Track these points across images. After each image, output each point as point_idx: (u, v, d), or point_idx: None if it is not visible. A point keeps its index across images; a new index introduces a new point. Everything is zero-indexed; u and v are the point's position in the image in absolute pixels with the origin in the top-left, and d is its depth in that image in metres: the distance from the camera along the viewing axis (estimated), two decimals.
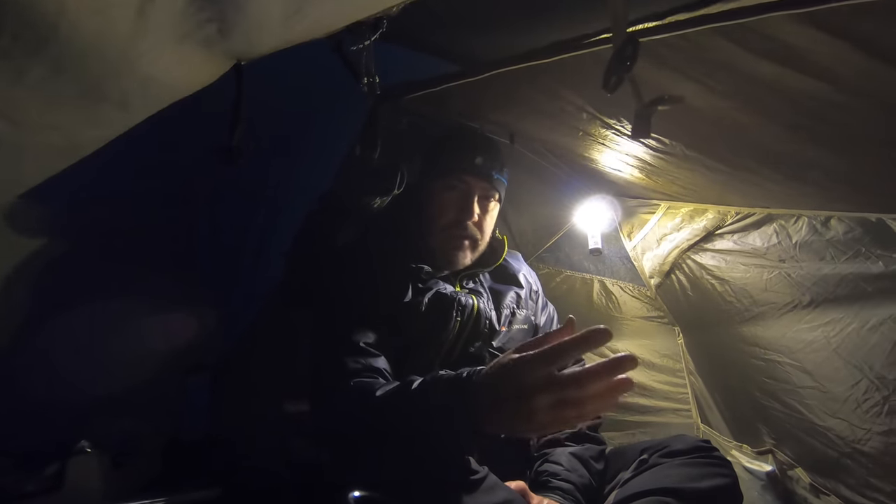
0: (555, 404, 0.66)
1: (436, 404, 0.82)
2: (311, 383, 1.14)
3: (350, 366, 1.04)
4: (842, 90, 0.83)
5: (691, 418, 2.18)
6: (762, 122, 1.00)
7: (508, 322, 1.31)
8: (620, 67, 0.62)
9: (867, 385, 1.30)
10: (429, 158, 1.38)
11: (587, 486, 1.11)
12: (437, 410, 0.81)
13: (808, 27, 0.72)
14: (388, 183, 1.42)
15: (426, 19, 1.07)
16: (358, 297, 1.16)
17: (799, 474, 1.59)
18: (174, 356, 1.49)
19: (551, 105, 1.29)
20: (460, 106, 1.47)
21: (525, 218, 2.06)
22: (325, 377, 1.10)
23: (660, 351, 2.26)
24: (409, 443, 0.85)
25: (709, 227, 1.73)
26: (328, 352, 1.12)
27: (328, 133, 1.62)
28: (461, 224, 1.27)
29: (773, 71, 0.83)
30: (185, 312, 1.43)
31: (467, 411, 0.76)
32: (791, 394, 1.54)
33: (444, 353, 1.20)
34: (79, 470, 1.08)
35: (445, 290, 1.23)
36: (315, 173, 1.64)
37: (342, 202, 1.51)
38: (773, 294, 1.55)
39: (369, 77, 1.12)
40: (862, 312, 1.31)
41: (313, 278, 1.38)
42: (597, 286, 2.26)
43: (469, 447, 0.85)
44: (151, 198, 1.31)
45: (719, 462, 1.00)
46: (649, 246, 2.04)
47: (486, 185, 1.30)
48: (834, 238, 1.34)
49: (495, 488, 0.89)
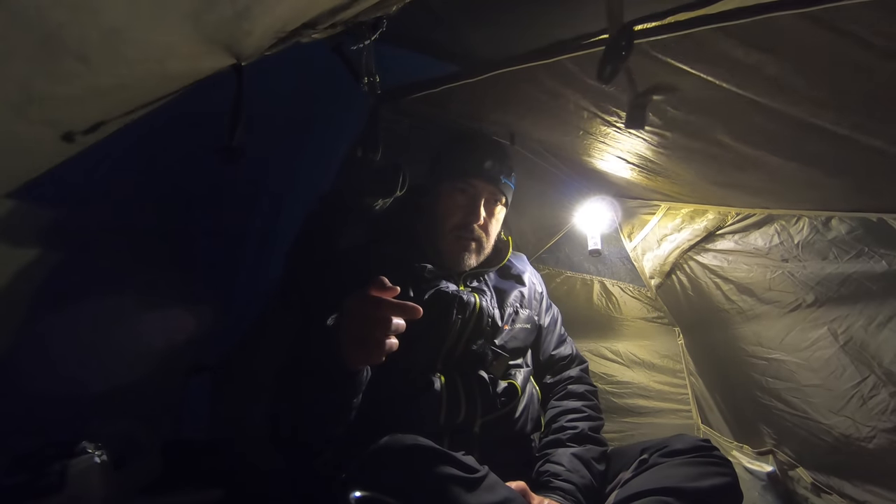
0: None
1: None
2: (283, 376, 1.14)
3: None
4: (845, 97, 0.83)
5: (692, 419, 2.18)
6: (763, 118, 1.00)
7: (511, 320, 1.32)
8: (615, 58, 0.62)
9: (874, 381, 1.29)
10: (437, 161, 1.39)
11: (588, 487, 1.11)
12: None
13: (809, 25, 0.72)
14: (390, 184, 1.42)
15: (426, 20, 1.07)
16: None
17: (800, 474, 1.59)
18: (175, 357, 1.49)
19: (552, 104, 1.29)
20: (461, 106, 1.47)
21: (525, 219, 2.06)
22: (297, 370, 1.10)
23: (660, 351, 2.26)
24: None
25: (709, 228, 1.73)
26: (306, 349, 1.13)
27: (329, 133, 1.62)
28: (468, 226, 1.28)
29: (774, 68, 0.83)
30: (185, 313, 1.43)
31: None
32: (794, 392, 1.54)
33: (446, 350, 1.21)
34: (80, 471, 1.08)
35: (447, 289, 1.23)
36: (316, 173, 1.64)
37: (343, 203, 1.52)
38: (777, 293, 1.55)
39: (369, 76, 1.13)
40: (868, 310, 1.31)
41: (313, 279, 1.38)
42: (597, 287, 2.26)
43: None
44: (151, 198, 1.31)
45: (719, 461, 1.00)
46: (650, 246, 2.04)
47: (493, 189, 1.31)
48: (836, 238, 1.34)
49: (496, 487, 0.89)
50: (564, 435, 1.23)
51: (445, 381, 1.17)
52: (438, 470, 0.84)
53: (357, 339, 0.84)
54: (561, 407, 1.34)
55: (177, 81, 0.72)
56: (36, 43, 0.50)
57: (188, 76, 0.72)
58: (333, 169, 1.64)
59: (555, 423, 1.29)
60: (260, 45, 0.71)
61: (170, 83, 0.71)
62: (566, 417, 1.29)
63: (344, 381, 0.93)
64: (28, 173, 0.85)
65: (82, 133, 0.72)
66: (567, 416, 1.30)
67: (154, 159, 1.24)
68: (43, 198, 1.05)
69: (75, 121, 0.71)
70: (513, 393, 1.23)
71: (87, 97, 0.65)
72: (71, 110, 0.68)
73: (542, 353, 1.43)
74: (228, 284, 1.65)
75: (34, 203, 1.05)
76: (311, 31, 0.74)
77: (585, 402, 1.36)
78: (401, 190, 1.42)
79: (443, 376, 1.18)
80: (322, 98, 1.52)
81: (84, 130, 0.72)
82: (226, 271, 1.64)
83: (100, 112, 0.71)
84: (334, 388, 0.94)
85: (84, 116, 0.71)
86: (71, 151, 0.77)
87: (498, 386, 1.21)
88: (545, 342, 1.44)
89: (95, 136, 0.75)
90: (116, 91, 0.67)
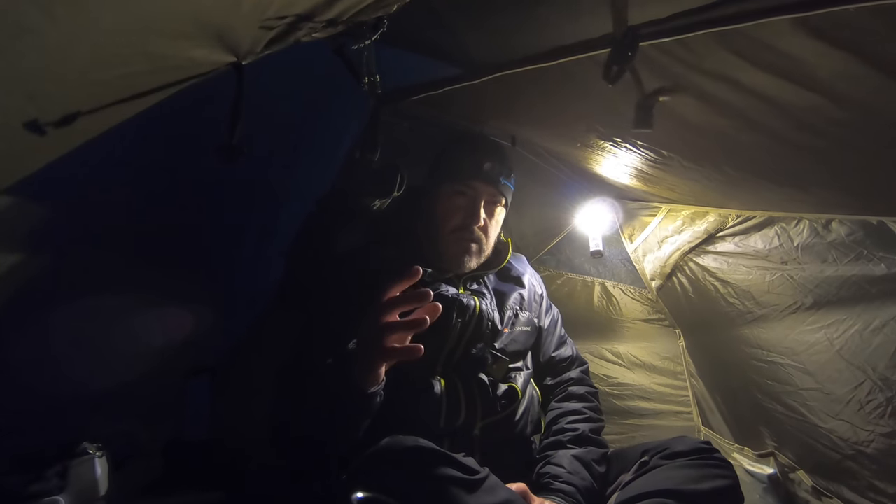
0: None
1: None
2: (285, 377, 1.17)
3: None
4: (843, 106, 0.82)
5: (692, 421, 2.17)
6: (761, 137, 1.00)
7: (511, 323, 1.31)
8: (621, 58, 0.62)
9: (870, 386, 1.29)
10: (436, 162, 1.38)
11: (589, 489, 1.11)
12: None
13: (807, 37, 0.72)
14: (387, 185, 1.42)
15: (428, 21, 1.07)
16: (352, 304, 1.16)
17: (801, 477, 1.59)
18: (175, 357, 1.50)
19: (551, 114, 1.29)
20: (461, 109, 1.47)
21: (526, 220, 2.07)
22: (299, 372, 1.12)
23: (661, 353, 2.26)
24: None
25: (710, 230, 1.73)
26: (308, 351, 1.15)
27: (329, 134, 1.62)
28: (467, 228, 1.28)
29: (773, 84, 0.83)
30: (185, 313, 1.43)
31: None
32: (793, 395, 1.53)
33: (446, 354, 1.20)
34: (81, 471, 1.08)
35: (447, 292, 1.23)
36: (315, 174, 1.64)
37: (342, 204, 1.52)
38: (776, 296, 1.55)
39: (370, 77, 1.13)
40: (865, 314, 1.31)
41: (312, 281, 1.39)
42: (598, 289, 2.26)
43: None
44: (151, 197, 1.31)
45: (720, 463, 1.00)
46: (650, 248, 2.04)
47: (493, 191, 1.31)
48: (836, 240, 1.34)
49: (496, 489, 0.89)
50: (565, 437, 1.23)
51: (445, 385, 1.17)
52: (439, 471, 0.84)
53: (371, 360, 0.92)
54: (561, 409, 1.33)
55: (168, 74, 0.69)
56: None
57: (180, 68, 0.69)
58: (333, 169, 1.65)
59: (555, 424, 1.29)
60: (253, 36, 0.69)
61: (160, 75, 0.68)
62: (567, 419, 1.29)
63: (358, 405, 0.96)
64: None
65: (54, 125, 0.63)
66: (567, 418, 1.29)
67: (154, 159, 1.24)
68: (44, 197, 1.05)
69: (42, 104, 0.61)
70: (513, 396, 1.23)
71: (56, 70, 0.57)
72: (34, 87, 0.58)
73: (543, 354, 1.43)
74: (228, 284, 1.65)
75: (35, 202, 1.05)
76: (309, 24, 0.73)
77: (586, 403, 1.35)
78: (398, 191, 1.43)
79: (443, 379, 1.18)
80: (322, 99, 1.52)
81: (56, 121, 0.63)
82: (226, 271, 1.64)
83: (74, 98, 0.63)
84: (347, 410, 0.97)
85: (54, 99, 0.62)
86: (50, 149, 0.72)
87: (498, 389, 1.21)
88: (545, 344, 1.44)
89: (74, 132, 0.68)
90: (95, 69, 0.60)
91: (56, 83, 0.60)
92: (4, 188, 0.91)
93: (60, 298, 1.18)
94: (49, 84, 0.59)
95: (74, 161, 0.77)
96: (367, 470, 0.85)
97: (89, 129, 0.73)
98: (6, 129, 0.63)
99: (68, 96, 0.64)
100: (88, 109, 0.66)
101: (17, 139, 0.65)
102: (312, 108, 1.56)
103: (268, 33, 0.71)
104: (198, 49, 0.66)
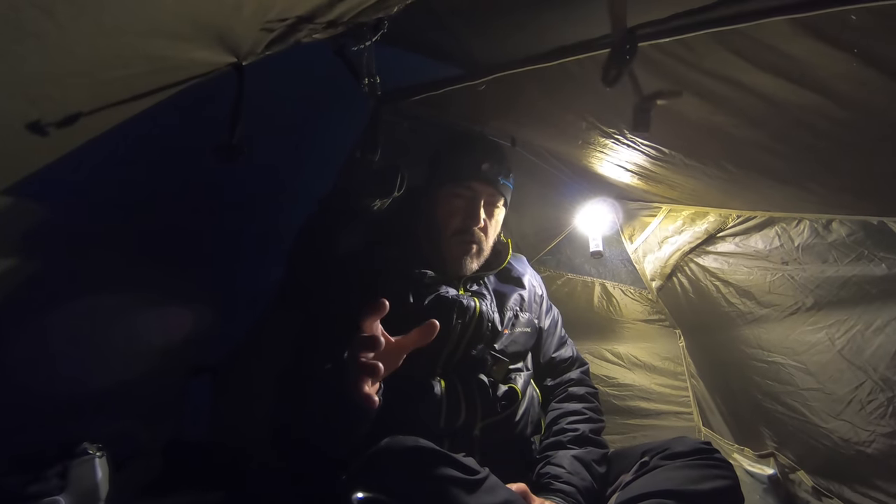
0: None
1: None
2: (286, 379, 1.16)
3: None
4: (843, 106, 0.82)
5: (693, 421, 2.17)
6: (761, 136, 1.01)
7: (511, 324, 1.31)
8: (620, 60, 0.62)
9: (871, 387, 1.29)
10: (435, 163, 1.38)
11: (589, 490, 1.11)
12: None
13: (807, 38, 0.72)
14: (388, 185, 1.42)
15: (428, 22, 1.07)
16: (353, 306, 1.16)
17: (801, 477, 1.59)
18: (175, 357, 1.50)
19: (552, 113, 1.29)
20: (461, 109, 1.47)
21: (526, 220, 2.06)
22: (300, 374, 1.11)
23: (661, 354, 2.25)
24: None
25: (710, 230, 1.73)
26: (310, 353, 1.14)
27: (329, 135, 1.62)
28: (468, 230, 1.28)
29: (773, 84, 0.83)
30: (186, 313, 1.43)
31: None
32: (794, 396, 1.53)
33: (446, 355, 1.20)
34: (81, 472, 1.08)
35: (447, 294, 1.23)
36: (316, 174, 1.65)
37: (343, 204, 1.52)
38: (777, 296, 1.55)
39: (370, 77, 1.13)
40: (866, 314, 1.31)
41: (313, 281, 1.39)
42: (598, 289, 2.26)
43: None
44: (152, 197, 1.31)
45: (720, 464, 1.00)
46: (650, 249, 2.04)
47: (492, 191, 1.31)
48: (836, 241, 1.34)
49: (496, 489, 0.89)
50: (565, 437, 1.23)
51: (445, 386, 1.17)
52: (439, 471, 0.84)
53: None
54: (561, 409, 1.33)
55: (169, 74, 0.69)
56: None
57: (180, 69, 0.69)
58: (334, 169, 1.65)
59: (555, 425, 1.29)
60: (254, 37, 0.70)
61: (161, 75, 0.68)
62: (567, 419, 1.29)
63: (356, 412, 0.94)
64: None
65: (55, 126, 0.64)
66: (568, 419, 1.29)
67: (155, 159, 1.25)
68: (44, 197, 1.05)
69: (44, 105, 0.62)
70: (513, 397, 1.22)
71: (57, 72, 0.57)
72: (35, 89, 0.59)
73: (543, 355, 1.43)
74: (229, 284, 1.65)
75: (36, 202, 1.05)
76: (310, 26, 0.73)
77: (586, 404, 1.35)
78: (399, 191, 1.42)
79: (443, 380, 1.18)
80: (323, 99, 1.52)
81: (57, 122, 0.64)
82: (226, 271, 1.64)
83: (75, 99, 0.64)
84: (346, 416, 0.95)
85: (56, 101, 0.63)
86: (52, 149, 0.72)
87: (498, 390, 1.21)
88: (545, 345, 1.44)
89: (75, 133, 0.68)
90: (97, 71, 0.60)
91: (58, 85, 0.60)
92: (5, 188, 0.91)
93: (61, 298, 1.18)
94: (51, 86, 0.60)
95: (75, 161, 0.77)
96: (367, 470, 0.85)
97: (90, 130, 0.74)
98: (8, 130, 0.63)
99: (70, 97, 0.64)
100: (90, 110, 0.66)
101: (18, 140, 0.65)
102: (313, 109, 1.56)
103: (269, 34, 0.71)
104: (198, 50, 0.67)
